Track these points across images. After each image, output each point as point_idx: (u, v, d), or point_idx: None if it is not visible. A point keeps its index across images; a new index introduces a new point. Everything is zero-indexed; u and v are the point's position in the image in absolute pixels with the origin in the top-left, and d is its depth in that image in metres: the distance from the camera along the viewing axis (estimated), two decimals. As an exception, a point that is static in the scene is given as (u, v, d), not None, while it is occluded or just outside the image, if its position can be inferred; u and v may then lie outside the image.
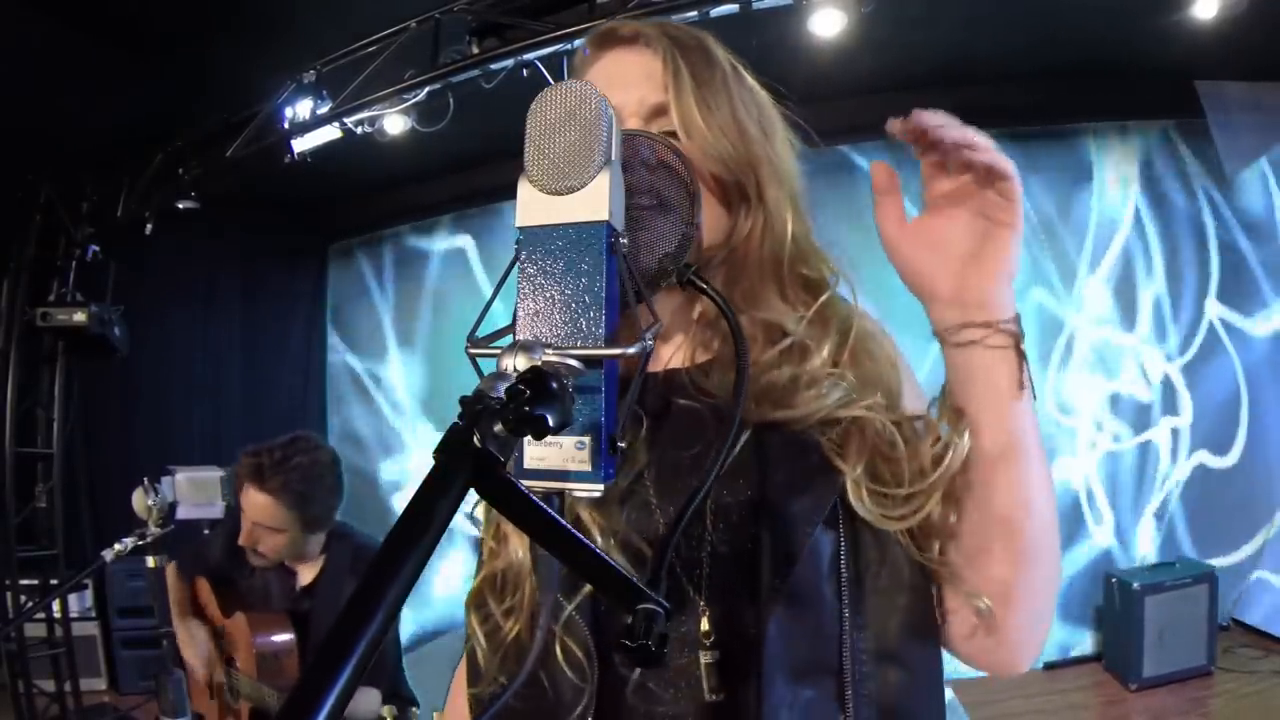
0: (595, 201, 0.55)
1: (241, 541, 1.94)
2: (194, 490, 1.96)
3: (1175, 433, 3.99)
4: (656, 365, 0.79)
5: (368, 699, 1.85)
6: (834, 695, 0.67)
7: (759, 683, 0.65)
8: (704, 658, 0.68)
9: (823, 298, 0.75)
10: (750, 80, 0.79)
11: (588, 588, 0.70)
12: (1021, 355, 0.64)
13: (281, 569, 2.03)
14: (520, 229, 0.57)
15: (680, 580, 0.69)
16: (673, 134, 0.73)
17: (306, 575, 2.03)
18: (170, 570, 2.18)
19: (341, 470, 2.04)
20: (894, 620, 0.69)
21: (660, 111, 0.74)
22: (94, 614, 4.04)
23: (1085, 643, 3.89)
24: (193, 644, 2.06)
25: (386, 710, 1.59)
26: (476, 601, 0.78)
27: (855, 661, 0.67)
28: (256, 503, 1.89)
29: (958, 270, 0.65)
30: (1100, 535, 3.96)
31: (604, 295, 0.54)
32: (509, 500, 0.47)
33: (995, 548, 0.67)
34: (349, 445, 4.89)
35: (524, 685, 0.63)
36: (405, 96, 2.91)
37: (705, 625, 0.68)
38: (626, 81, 0.74)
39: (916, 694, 0.70)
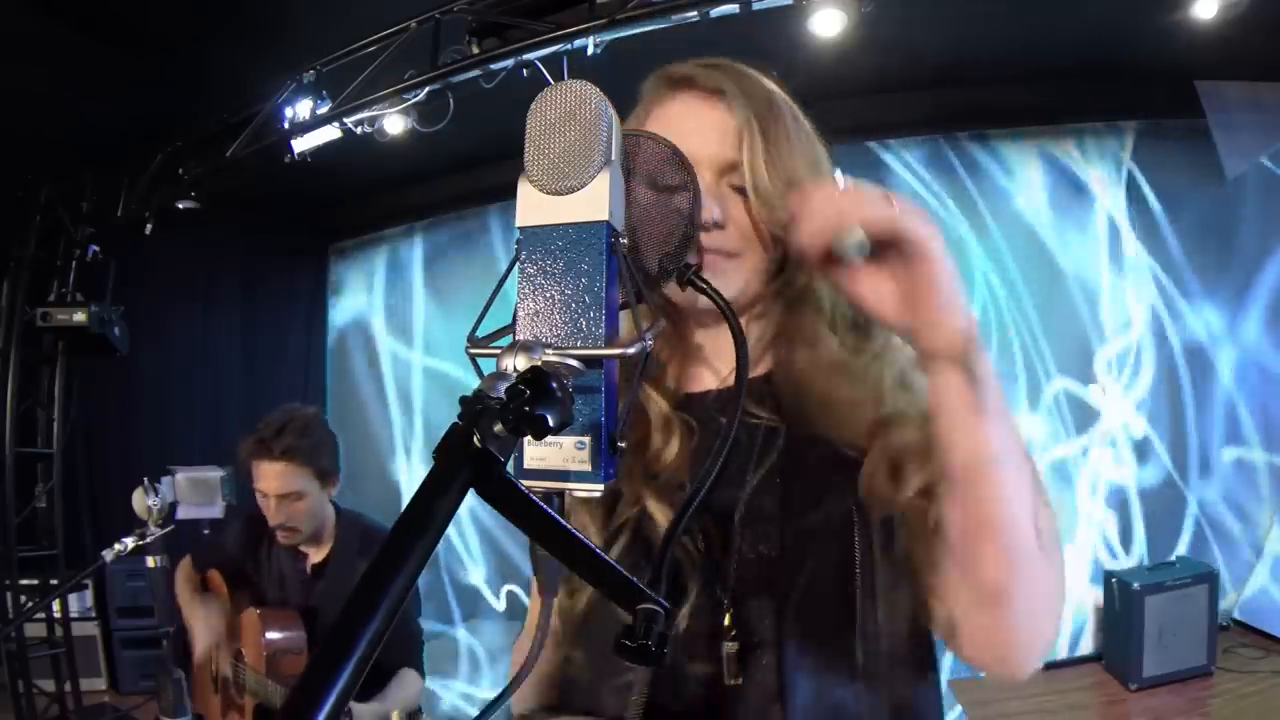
0: (595, 201, 0.55)
1: (272, 523, 1.99)
2: (194, 490, 1.97)
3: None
4: (713, 384, 0.85)
5: (414, 683, 1.96)
6: (852, 694, 0.74)
7: (780, 679, 0.74)
8: (726, 648, 0.75)
9: (872, 336, 0.81)
10: (806, 124, 0.84)
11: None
12: (974, 378, 0.64)
13: (294, 552, 2.07)
14: (520, 229, 0.57)
15: (712, 582, 0.77)
16: (741, 189, 0.79)
17: (316, 556, 2.07)
18: (184, 565, 2.21)
19: (326, 421, 2.12)
20: (902, 626, 0.75)
21: (732, 168, 0.79)
22: (94, 614, 4.04)
23: (1085, 643, 3.90)
24: (205, 622, 2.06)
25: (396, 714, 1.60)
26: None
27: (870, 663, 0.74)
28: (272, 473, 1.93)
29: (907, 310, 0.64)
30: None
31: (604, 295, 0.54)
32: (509, 500, 0.47)
33: (986, 550, 0.67)
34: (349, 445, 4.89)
35: (587, 655, 0.80)
36: (405, 96, 2.91)
37: (728, 621, 0.76)
38: (704, 135, 0.79)
39: (924, 693, 0.80)
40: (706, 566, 0.77)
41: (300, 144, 3.15)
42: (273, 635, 1.94)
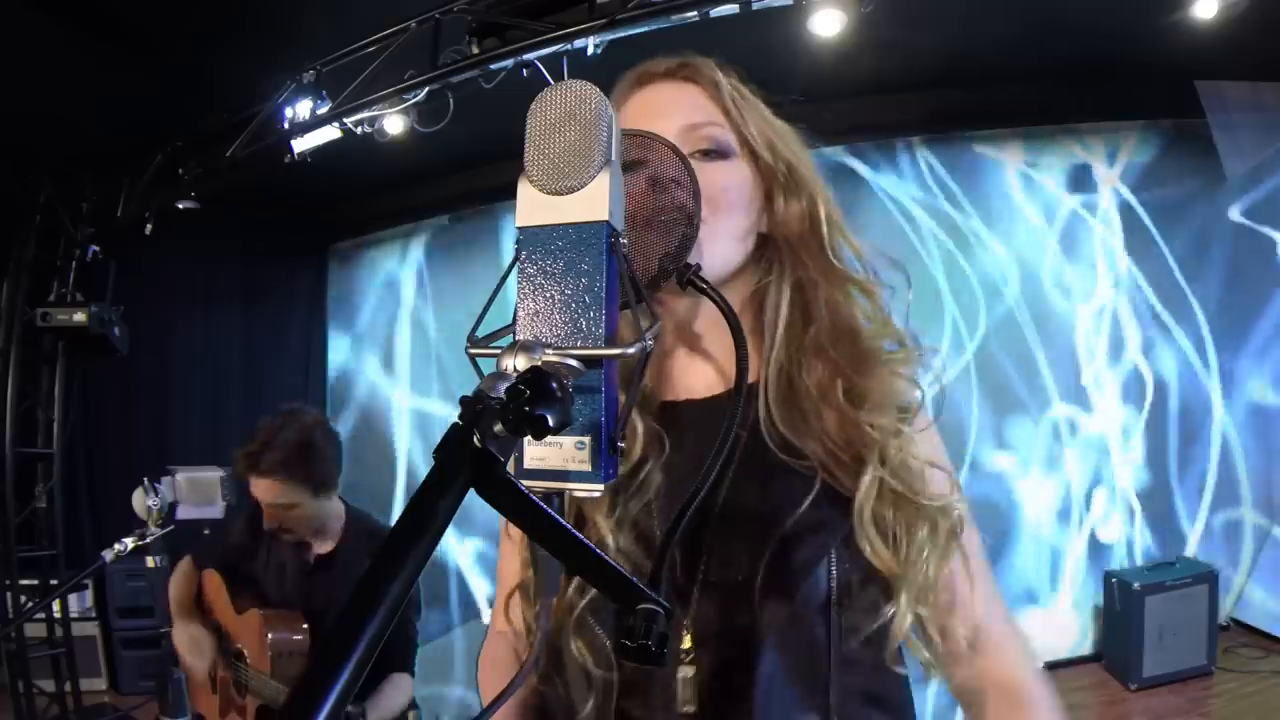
0: (595, 201, 0.55)
1: (267, 526, 2.00)
2: (194, 490, 1.97)
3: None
4: (692, 393, 0.81)
5: (406, 687, 1.96)
6: None
7: (751, 709, 0.69)
8: (681, 673, 0.71)
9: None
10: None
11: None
12: None
13: (298, 543, 2.07)
14: (520, 229, 0.57)
15: (671, 598, 0.70)
16: (708, 151, 0.77)
17: (321, 548, 2.07)
18: (183, 564, 2.22)
19: (330, 426, 2.10)
20: (880, 659, 0.73)
21: (694, 128, 0.77)
22: (94, 614, 4.03)
23: (1085, 643, 3.89)
24: (196, 648, 2.06)
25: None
26: (510, 602, 0.82)
27: (844, 701, 0.71)
28: (262, 487, 1.94)
29: None
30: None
31: (604, 295, 0.54)
32: (509, 500, 0.47)
33: None
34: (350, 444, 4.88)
35: (543, 681, 0.74)
36: (405, 96, 2.90)
37: (687, 643, 0.72)
38: (673, 106, 0.79)
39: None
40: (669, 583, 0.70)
41: (300, 144, 3.15)
42: (276, 636, 1.94)
